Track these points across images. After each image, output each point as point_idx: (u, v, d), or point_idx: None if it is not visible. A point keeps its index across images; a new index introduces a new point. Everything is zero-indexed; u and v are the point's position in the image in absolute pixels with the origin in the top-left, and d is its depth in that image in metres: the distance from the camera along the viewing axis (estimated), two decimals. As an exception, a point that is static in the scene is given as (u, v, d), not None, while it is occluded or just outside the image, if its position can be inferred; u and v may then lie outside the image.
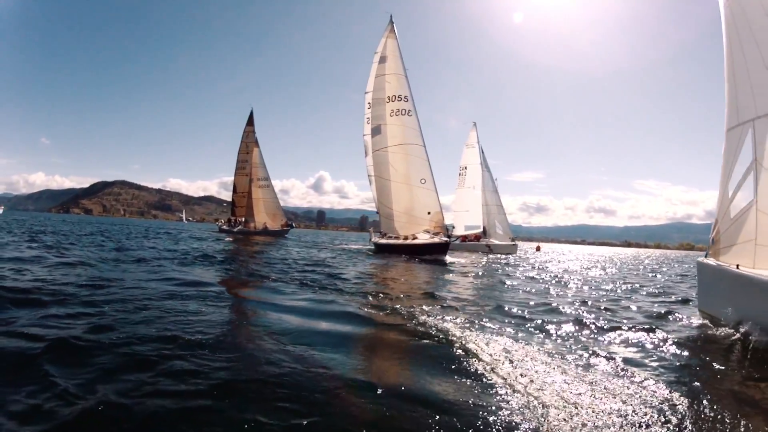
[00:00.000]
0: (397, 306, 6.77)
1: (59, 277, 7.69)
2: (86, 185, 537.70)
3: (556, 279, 14.23)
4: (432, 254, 21.32)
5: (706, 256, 6.84)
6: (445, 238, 22.44)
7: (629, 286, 13.37)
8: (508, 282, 12.27)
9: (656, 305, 9.00)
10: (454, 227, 26.23)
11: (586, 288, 12.03)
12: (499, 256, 31.80)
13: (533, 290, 10.60)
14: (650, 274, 20.44)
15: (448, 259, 21.11)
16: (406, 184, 25.67)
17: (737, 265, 5.76)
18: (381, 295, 8.05)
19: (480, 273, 15.21)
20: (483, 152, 44.93)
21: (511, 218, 44.75)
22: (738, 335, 5.46)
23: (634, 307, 8.47)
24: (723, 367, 4.46)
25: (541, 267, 20.53)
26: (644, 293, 11.52)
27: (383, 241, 25.18)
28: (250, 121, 49.42)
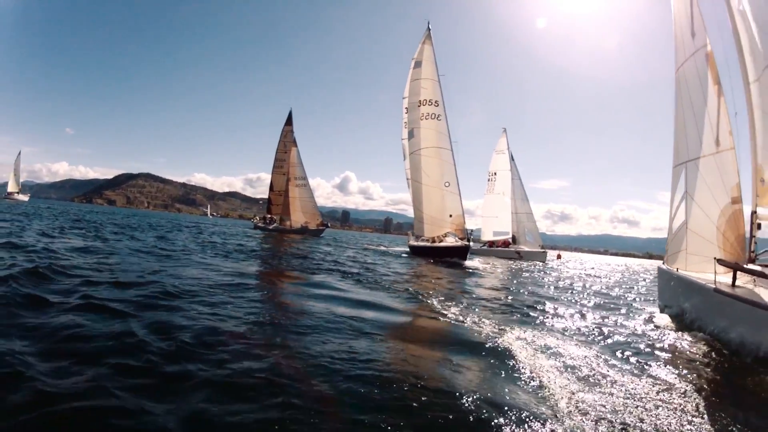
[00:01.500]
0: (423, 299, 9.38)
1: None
2: (110, 176, 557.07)
3: (569, 282, 16.59)
4: (452, 257, 23.10)
5: (663, 263, 9.27)
6: (465, 242, 24.13)
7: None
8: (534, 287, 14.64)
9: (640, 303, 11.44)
10: (472, 231, 27.15)
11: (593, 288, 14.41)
12: (528, 262, 33.64)
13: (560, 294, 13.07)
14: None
15: (472, 263, 22.47)
16: (433, 187, 27.54)
17: (677, 268, 8.21)
18: (411, 289, 10.59)
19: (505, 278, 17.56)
20: (513, 159, 46.40)
21: (534, 226, 46.33)
22: (675, 318, 7.93)
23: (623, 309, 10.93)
24: (655, 335, 6.96)
25: (562, 274, 22.59)
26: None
27: (415, 243, 27.18)
28: (289, 121, 51.81)
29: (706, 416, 3.68)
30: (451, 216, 26.88)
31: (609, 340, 6.30)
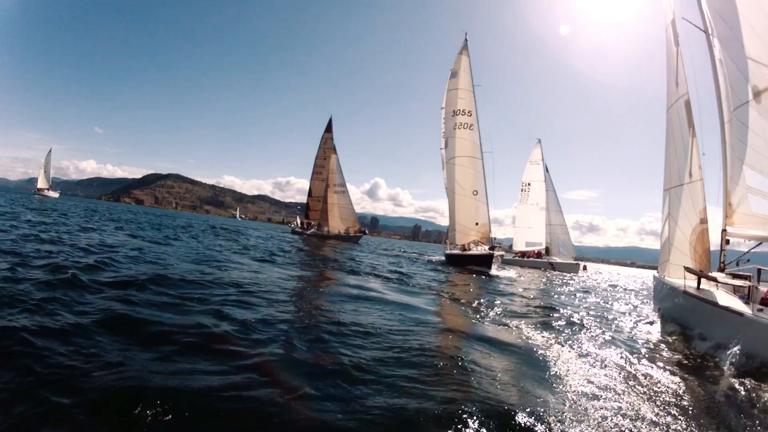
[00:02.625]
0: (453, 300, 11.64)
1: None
2: (138, 176, 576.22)
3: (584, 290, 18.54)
4: (477, 265, 24.02)
5: (657, 272, 11.34)
6: (489, 251, 25.00)
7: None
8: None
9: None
10: (495, 239, 28.58)
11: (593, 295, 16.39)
12: (560, 273, 35.12)
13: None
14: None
15: (506, 273, 23.84)
16: (463, 195, 29.05)
17: (663, 276, 10.30)
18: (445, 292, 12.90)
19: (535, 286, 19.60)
20: (548, 170, 47.69)
21: (563, 236, 47.40)
22: (662, 316, 10.00)
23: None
24: (647, 330, 9.09)
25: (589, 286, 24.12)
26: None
27: (449, 251, 28.54)
28: (329, 128, 54.30)
29: (656, 403, 4.60)
30: (477, 224, 28.38)
31: (602, 335, 8.33)
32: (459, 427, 3.48)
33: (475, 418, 3.62)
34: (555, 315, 9.72)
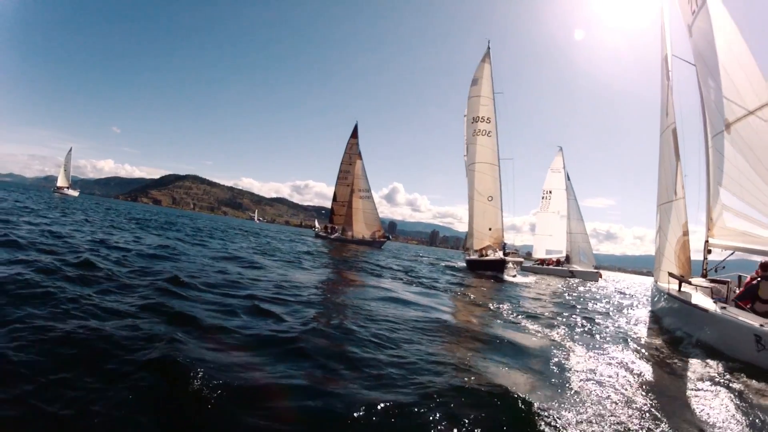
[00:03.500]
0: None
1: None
2: (156, 176, 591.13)
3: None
4: (491, 270, 25.13)
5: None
6: (500, 256, 26.14)
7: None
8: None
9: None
10: (506, 245, 30.11)
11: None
12: (579, 281, 36.01)
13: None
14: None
15: (525, 279, 25.06)
16: (479, 201, 30.35)
17: (656, 281, 11.99)
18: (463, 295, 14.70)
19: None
20: (569, 178, 48.70)
21: (580, 244, 48.11)
22: (655, 316, 11.66)
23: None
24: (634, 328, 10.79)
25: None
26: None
27: (468, 257, 29.94)
28: (354, 134, 56.19)
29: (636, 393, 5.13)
30: (490, 229, 29.60)
31: (598, 334, 10.02)
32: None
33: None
34: (558, 316, 11.38)
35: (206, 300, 7.29)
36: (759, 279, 8.28)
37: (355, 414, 3.54)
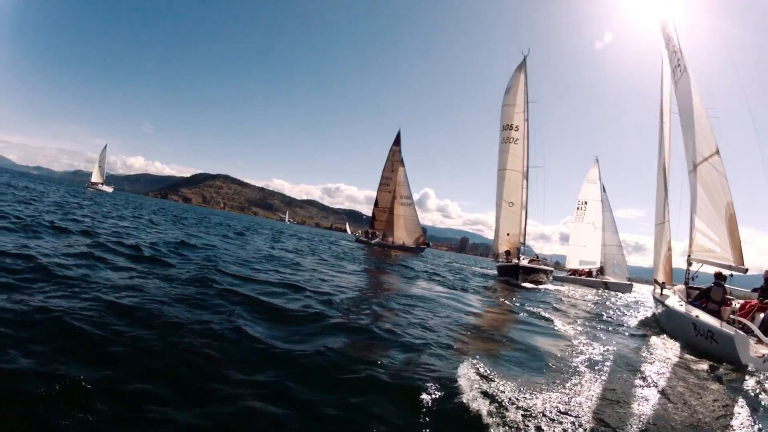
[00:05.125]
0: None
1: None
2: (187, 175, 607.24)
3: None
4: (506, 276, 27.67)
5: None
6: (515, 261, 28.28)
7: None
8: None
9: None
10: (521, 249, 32.14)
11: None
12: (613, 293, 37.57)
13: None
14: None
15: (560, 287, 27.65)
16: (502, 207, 32.31)
17: (654, 289, 15.47)
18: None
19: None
20: (605, 190, 50.37)
21: (607, 255, 49.33)
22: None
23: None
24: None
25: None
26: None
27: (498, 262, 32.02)
28: (397, 141, 59.04)
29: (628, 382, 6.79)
30: (508, 234, 31.96)
31: (600, 324, 13.58)
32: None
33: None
34: (567, 318, 14.89)
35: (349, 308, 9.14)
36: (712, 284, 11.73)
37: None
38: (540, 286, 25.99)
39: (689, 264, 14.49)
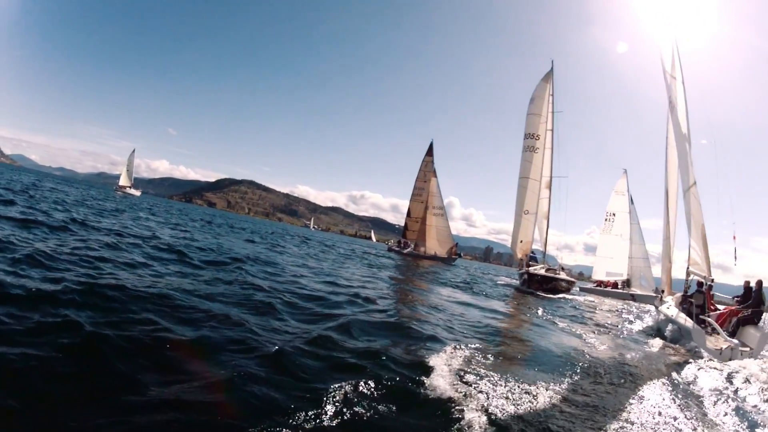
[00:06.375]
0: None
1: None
2: (212, 179, 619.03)
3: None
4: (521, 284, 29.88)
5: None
6: (526, 269, 30.40)
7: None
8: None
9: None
10: (532, 257, 33.95)
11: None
12: (638, 304, 37.79)
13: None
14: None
15: (586, 298, 29.99)
16: (518, 214, 33.95)
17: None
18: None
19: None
20: (633, 202, 51.05)
21: (629, 266, 50.07)
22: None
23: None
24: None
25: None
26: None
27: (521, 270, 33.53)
28: (430, 152, 60.76)
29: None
30: (521, 242, 33.64)
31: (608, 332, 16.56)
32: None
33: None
34: (575, 324, 17.89)
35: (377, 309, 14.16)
36: (695, 291, 14.69)
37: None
38: (558, 295, 27.54)
39: (687, 275, 17.41)
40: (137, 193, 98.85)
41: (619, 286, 47.98)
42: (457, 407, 5.17)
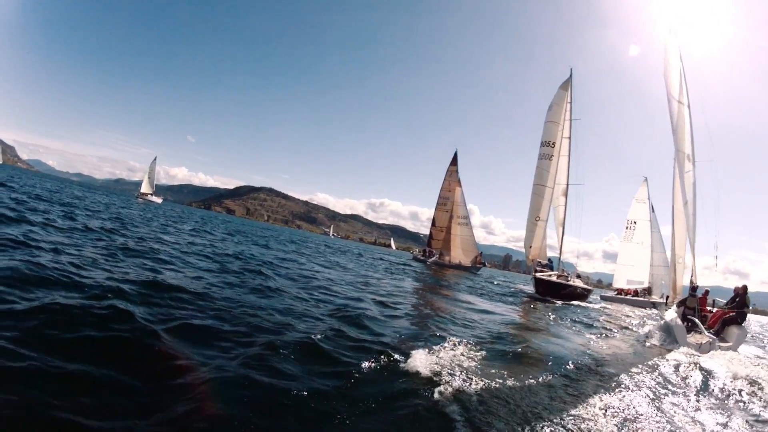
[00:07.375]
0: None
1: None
2: (231, 186, 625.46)
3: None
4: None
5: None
6: (533, 275, 31.06)
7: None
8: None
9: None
10: (539, 262, 34.40)
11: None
12: (657, 311, 39.23)
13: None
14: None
15: (599, 305, 30.81)
16: (530, 221, 34.46)
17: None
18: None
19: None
20: (653, 210, 51.92)
21: (646, 274, 49.57)
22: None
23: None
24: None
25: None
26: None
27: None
28: (454, 161, 62.00)
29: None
30: (531, 247, 34.24)
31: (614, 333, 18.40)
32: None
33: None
34: (583, 328, 19.61)
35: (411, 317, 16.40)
36: (688, 295, 16.31)
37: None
38: (573, 302, 28.22)
39: (691, 282, 19.20)
40: (159, 200, 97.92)
41: (640, 294, 48.27)
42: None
